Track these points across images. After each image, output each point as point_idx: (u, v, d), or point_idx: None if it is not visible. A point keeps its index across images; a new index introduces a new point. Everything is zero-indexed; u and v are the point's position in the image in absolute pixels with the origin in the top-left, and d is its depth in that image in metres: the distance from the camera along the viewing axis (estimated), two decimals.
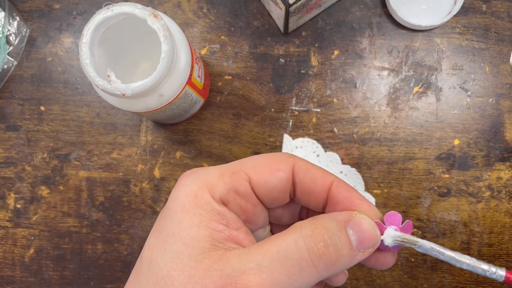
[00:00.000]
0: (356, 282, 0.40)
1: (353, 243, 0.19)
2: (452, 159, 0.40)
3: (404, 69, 0.41)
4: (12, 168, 0.41)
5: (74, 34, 0.42)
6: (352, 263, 0.19)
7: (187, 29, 0.41)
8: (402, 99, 0.41)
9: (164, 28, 0.27)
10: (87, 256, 0.40)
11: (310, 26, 0.41)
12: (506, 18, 0.41)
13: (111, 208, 0.40)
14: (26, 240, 0.41)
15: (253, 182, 0.21)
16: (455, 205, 0.40)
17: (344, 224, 0.19)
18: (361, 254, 0.20)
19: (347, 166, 0.40)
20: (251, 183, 0.21)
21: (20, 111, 0.41)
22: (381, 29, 0.41)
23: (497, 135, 0.40)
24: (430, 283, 0.40)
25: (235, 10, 0.42)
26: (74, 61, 0.42)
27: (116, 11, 0.27)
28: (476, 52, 0.41)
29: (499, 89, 0.41)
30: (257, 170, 0.21)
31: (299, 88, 0.41)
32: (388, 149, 0.41)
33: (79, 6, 0.42)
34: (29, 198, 0.41)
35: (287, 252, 0.18)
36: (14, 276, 0.40)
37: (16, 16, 0.41)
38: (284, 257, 0.18)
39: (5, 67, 0.41)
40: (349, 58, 0.41)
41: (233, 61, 0.41)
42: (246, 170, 0.21)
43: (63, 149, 0.41)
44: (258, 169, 0.21)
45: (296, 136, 0.41)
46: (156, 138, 0.41)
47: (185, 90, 0.32)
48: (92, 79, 0.27)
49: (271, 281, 0.18)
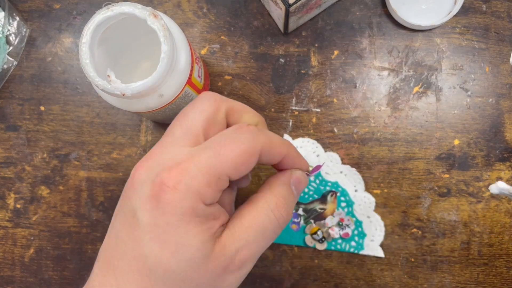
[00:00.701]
0: (356, 282, 0.40)
1: (294, 193, 0.27)
2: (452, 159, 0.40)
3: (404, 69, 0.41)
4: (12, 168, 0.41)
5: (74, 34, 0.42)
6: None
7: (187, 29, 0.41)
8: (402, 99, 0.41)
9: (164, 28, 0.27)
10: (87, 256, 0.40)
11: (310, 26, 0.41)
12: (506, 18, 0.41)
13: (111, 208, 0.40)
14: (26, 240, 0.41)
15: (231, 178, 0.24)
16: (455, 205, 0.40)
17: (289, 184, 0.26)
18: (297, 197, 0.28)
19: (347, 166, 0.40)
20: (229, 178, 0.24)
21: (20, 111, 0.41)
22: (381, 29, 0.41)
23: (497, 135, 0.40)
24: (430, 283, 0.40)
25: (235, 10, 0.42)
26: (74, 61, 0.42)
27: (116, 11, 0.27)
28: (476, 52, 0.41)
29: (499, 89, 0.41)
30: (236, 170, 0.23)
31: (299, 88, 0.41)
32: (388, 149, 0.41)
33: (79, 6, 0.42)
34: (29, 198, 0.41)
35: (264, 225, 0.24)
36: (14, 276, 0.40)
37: (16, 16, 0.41)
38: (263, 230, 0.24)
39: (5, 67, 0.41)
40: (349, 58, 0.41)
41: (233, 61, 0.41)
42: (228, 172, 0.23)
43: (63, 149, 0.41)
44: (237, 169, 0.23)
45: (296, 136, 0.41)
46: (156, 138, 0.41)
47: (185, 90, 0.32)
48: (92, 79, 0.27)
49: (258, 249, 0.24)
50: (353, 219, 0.40)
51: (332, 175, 0.40)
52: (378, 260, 0.40)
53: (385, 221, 0.40)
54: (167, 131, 0.25)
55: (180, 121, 0.25)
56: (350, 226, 0.40)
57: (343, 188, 0.40)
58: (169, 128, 0.25)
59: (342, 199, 0.40)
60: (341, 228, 0.40)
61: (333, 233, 0.40)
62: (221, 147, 0.23)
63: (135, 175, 0.24)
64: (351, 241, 0.40)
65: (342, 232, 0.40)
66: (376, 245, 0.40)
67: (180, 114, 0.26)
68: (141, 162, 0.24)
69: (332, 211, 0.40)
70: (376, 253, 0.40)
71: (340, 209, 0.40)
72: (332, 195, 0.40)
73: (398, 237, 0.40)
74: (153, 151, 0.24)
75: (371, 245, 0.40)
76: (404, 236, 0.40)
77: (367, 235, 0.40)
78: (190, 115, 0.25)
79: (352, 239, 0.40)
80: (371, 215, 0.40)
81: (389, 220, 0.40)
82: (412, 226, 0.40)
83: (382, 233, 0.40)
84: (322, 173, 0.40)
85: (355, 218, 0.40)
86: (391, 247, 0.40)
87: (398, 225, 0.40)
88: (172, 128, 0.25)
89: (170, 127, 0.25)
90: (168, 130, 0.25)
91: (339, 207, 0.40)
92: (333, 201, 0.40)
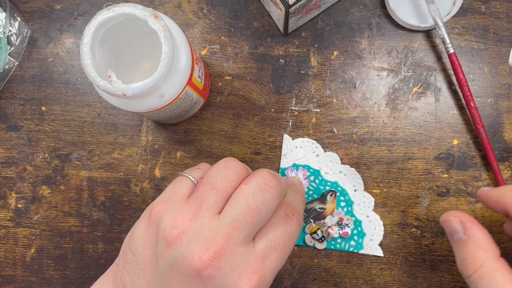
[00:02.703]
0: (355, 281, 0.40)
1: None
2: (451, 159, 0.41)
3: (403, 70, 0.41)
4: (13, 168, 0.41)
5: (75, 34, 0.42)
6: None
7: (187, 30, 0.42)
8: (401, 99, 0.41)
9: (164, 29, 0.27)
10: (88, 256, 0.41)
11: (310, 26, 0.42)
12: (505, 19, 0.41)
13: (112, 207, 0.41)
14: (27, 239, 0.41)
15: None
16: (454, 205, 0.40)
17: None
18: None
19: (347, 166, 0.40)
20: None
21: (21, 111, 0.41)
22: (380, 30, 0.42)
23: (496, 135, 0.41)
24: (429, 283, 0.40)
25: (235, 11, 0.42)
26: (75, 61, 0.42)
27: (117, 12, 0.28)
28: (475, 52, 0.41)
29: (497, 89, 0.41)
30: None
31: (299, 89, 0.41)
32: (387, 149, 0.41)
33: (80, 6, 0.42)
34: (30, 197, 0.41)
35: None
36: (15, 276, 0.41)
37: (17, 17, 0.41)
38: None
39: (6, 68, 0.41)
40: (349, 59, 0.41)
41: (233, 62, 0.42)
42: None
43: (64, 149, 0.41)
44: None
45: (296, 136, 0.41)
46: (157, 138, 0.41)
47: (186, 91, 0.32)
48: (93, 79, 0.27)
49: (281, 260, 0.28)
50: (353, 218, 0.40)
51: (331, 175, 0.40)
52: (377, 260, 0.40)
53: (384, 221, 0.40)
54: (234, 224, 0.26)
55: (253, 218, 0.27)
56: (349, 226, 0.40)
57: (342, 187, 0.40)
58: (237, 221, 0.26)
59: (341, 199, 0.40)
60: (341, 228, 0.40)
61: (332, 233, 0.40)
62: (283, 247, 0.28)
63: (205, 273, 0.25)
64: (350, 240, 0.40)
65: (341, 232, 0.40)
66: (375, 244, 0.40)
67: (249, 205, 0.27)
68: (210, 261, 0.25)
69: (331, 211, 0.40)
70: (375, 252, 0.40)
71: (339, 208, 0.40)
72: (331, 194, 0.40)
73: (397, 236, 0.40)
74: (223, 249, 0.26)
75: (371, 244, 0.40)
76: (403, 235, 0.40)
77: (367, 235, 0.40)
78: (263, 215, 0.27)
79: (351, 239, 0.40)
80: (370, 215, 0.40)
81: (388, 220, 0.40)
82: (411, 225, 0.40)
83: (381, 232, 0.40)
84: (321, 173, 0.40)
85: (355, 218, 0.40)
86: (390, 246, 0.40)
87: (397, 225, 0.40)
88: (244, 224, 0.26)
89: (242, 221, 0.27)
90: (236, 224, 0.26)
91: (338, 207, 0.40)
92: (332, 200, 0.40)
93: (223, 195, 0.27)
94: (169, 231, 0.26)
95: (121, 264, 0.29)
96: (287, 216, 0.28)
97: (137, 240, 0.28)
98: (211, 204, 0.27)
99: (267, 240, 0.27)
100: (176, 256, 0.25)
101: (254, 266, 0.26)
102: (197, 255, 0.25)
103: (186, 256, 0.25)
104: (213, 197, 0.27)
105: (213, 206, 0.27)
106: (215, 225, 0.26)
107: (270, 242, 0.27)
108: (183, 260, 0.25)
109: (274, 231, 0.27)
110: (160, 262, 0.26)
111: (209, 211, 0.27)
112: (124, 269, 0.28)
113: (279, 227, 0.28)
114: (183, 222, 0.26)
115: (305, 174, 0.40)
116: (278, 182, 0.28)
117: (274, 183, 0.27)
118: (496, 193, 0.30)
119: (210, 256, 0.25)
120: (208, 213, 0.26)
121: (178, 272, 0.25)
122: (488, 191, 0.31)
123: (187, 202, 0.28)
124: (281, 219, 0.28)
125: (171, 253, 0.26)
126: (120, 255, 0.30)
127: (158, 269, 0.26)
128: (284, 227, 0.28)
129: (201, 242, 0.25)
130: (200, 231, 0.26)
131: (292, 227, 0.28)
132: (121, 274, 0.28)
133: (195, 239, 0.25)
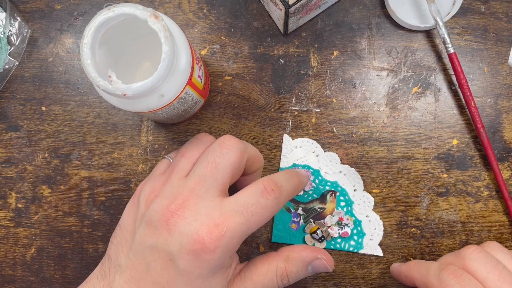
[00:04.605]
0: (355, 281, 0.40)
1: (309, 272, 0.33)
2: (450, 159, 0.41)
3: (403, 70, 0.41)
4: (13, 167, 0.41)
5: (75, 34, 0.42)
6: None
7: (187, 30, 0.42)
8: (401, 99, 0.41)
9: (164, 29, 0.27)
10: (88, 255, 0.41)
11: (310, 26, 0.42)
12: (505, 19, 0.41)
13: (112, 207, 0.41)
14: (27, 239, 0.41)
15: None
16: (454, 205, 0.40)
17: (307, 263, 0.32)
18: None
19: (346, 166, 0.40)
20: None
21: (21, 111, 0.41)
22: (380, 30, 0.42)
23: (496, 135, 0.41)
24: None
25: (235, 11, 0.42)
26: (75, 61, 0.42)
27: (117, 12, 0.28)
28: (475, 52, 0.41)
29: (497, 90, 0.41)
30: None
31: (299, 89, 0.41)
32: (387, 149, 0.41)
33: (80, 6, 0.42)
34: (30, 197, 0.41)
35: (267, 285, 0.31)
36: (15, 275, 0.41)
37: (17, 17, 0.41)
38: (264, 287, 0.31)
39: (7, 67, 0.41)
40: (349, 59, 0.41)
41: (233, 62, 0.42)
42: (252, 231, 0.30)
43: (64, 149, 0.41)
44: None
45: (295, 136, 0.41)
46: (157, 138, 0.41)
47: (186, 91, 0.32)
48: (93, 79, 0.27)
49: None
50: (352, 218, 0.40)
51: (331, 175, 0.40)
52: (377, 259, 0.40)
53: (384, 221, 0.40)
54: (196, 178, 0.29)
55: (211, 171, 0.29)
56: (349, 226, 0.40)
57: (342, 187, 0.40)
58: (199, 175, 0.30)
59: (341, 199, 0.40)
60: (341, 228, 0.40)
61: (332, 233, 0.40)
62: (251, 215, 0.28)
63: (171, 222, 0.28)
64: (350, 240, 0.40)
65: (341, 231, 0.40)
66: (375, 244, 0.40)
67: (209, 160, 0.30)
68: (176, 210, 0.28)
69: (331, 211, 0.40)
70: (375, 252, 0.40)
71: (339, 208, 0.40)
72: (331, 194, 0.40)
73: (397, 236, 0.40)
74: (187, 200, 0.29)
75: (370, 244, 0.40)
76: (403, 235, 0.40)
77: (366, 235, 0.40)
78: (221, 167, 0.30)
79: (351, 238, 0.40)
80: (370, 215, 0.40)
81: (388, 220, 0.40)
82: (411, 225, 0.40)
83: (381, 232, 0.40)
84: (321, 172, 0.41)
85: (354, 218, 0.40)
86: (390, 246, 0.40)
87: (397, 225, 0.40)
88: (204, 177, 0.29)
89: (203, 175, 0.29)
90: (198, 178, 0.29)
91: (338, 207, 0.40)
92: (332, 200, 0.40)
93: (191, 160, 0.31)
94: (147, 196, 0.31)
95: (110, 242, 0.32)
96: (265, 189, 0.29)
97: (124, 215, 0.32)
98: (181, 168, 0.31)
99: (236, 204, 0.28)
100: (150, 212, 0.29)
101: (217, 220, 0.28)
102: (166, 207, 0.28)
103: (157, 210, 0.29)
104: (182, 163, 0.31)
105: (182, 169, 0.31)
106: (183, 183, 0.30)
107: (238, 206, 0.28)
108: (155, 213, 0.29)
109: (247, 198, 0.29)
110: (137, 224, 0.30)
111: (179, 173, 0.31)
112: (112, 243, 0.31)
113: (253, 196, 0.29)
114: (158, 186, 0.31)
115: None
116: (237, 140, 0.30)
117: (232, 141, 0.30)
118: (404, 268, 0.34)
119: (176, 207, 0.28)
120: (178, 175, 0.31)
121: (152, 226, 0.29)
122: (398, 266, 0.36)
123: (163, 173, 0.33)
124: (258, 191, 0.29)
125: (146, 212, 0.29)
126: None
127: (137, 230, 0.30)
128: (258, 198, 0.29)
129: (170, 197, 0.29)
130: (170, 190, 0.30)
131: (267, 201, 0.29)
132: (108, 250, 0.32)
133: (166, 197, 0.29)
